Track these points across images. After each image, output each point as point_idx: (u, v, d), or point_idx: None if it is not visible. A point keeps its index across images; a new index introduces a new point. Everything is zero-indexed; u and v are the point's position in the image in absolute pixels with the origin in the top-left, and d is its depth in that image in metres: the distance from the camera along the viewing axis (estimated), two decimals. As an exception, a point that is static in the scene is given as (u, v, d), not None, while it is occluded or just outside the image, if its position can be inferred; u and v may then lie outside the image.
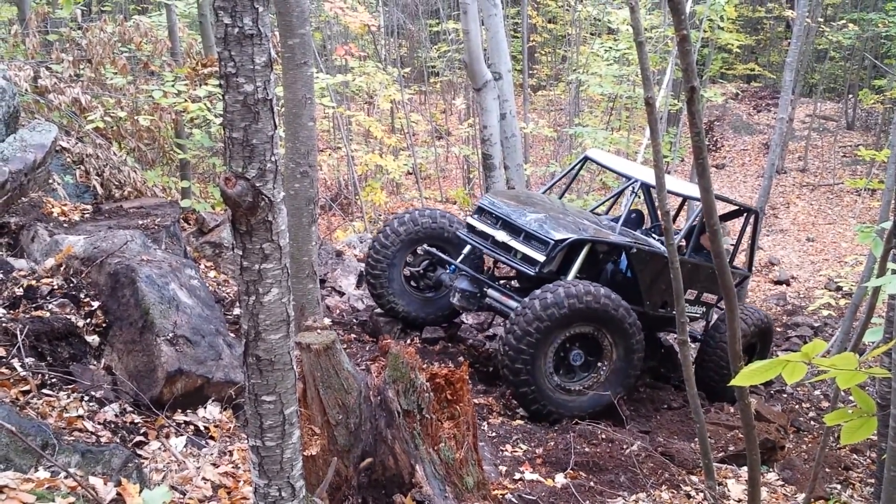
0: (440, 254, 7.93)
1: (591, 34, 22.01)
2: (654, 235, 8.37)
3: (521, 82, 18.87)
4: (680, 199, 10.59)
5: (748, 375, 1.99)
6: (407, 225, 7.87)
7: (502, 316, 7.66)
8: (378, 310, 8.20)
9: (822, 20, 22.58)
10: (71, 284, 4.99)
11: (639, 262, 7.47)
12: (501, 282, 8.24)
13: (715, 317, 8.70)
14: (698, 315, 8.58)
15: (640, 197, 9.57)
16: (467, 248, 7.90)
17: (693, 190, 8.44)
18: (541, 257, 6.97)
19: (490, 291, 7.36)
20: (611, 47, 16.67)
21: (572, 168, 8.98)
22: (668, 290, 7.61)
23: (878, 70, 22.98)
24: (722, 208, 8.88)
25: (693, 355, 8.94)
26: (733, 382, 2.13)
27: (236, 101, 2.03)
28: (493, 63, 10.88)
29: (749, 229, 8.75)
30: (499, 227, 7.32)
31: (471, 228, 7.63)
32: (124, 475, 3.45)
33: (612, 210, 9.95)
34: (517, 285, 8.28)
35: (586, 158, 8.73)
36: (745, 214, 8.75)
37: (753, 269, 11.03)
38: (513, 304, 7.08)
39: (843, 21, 22.32)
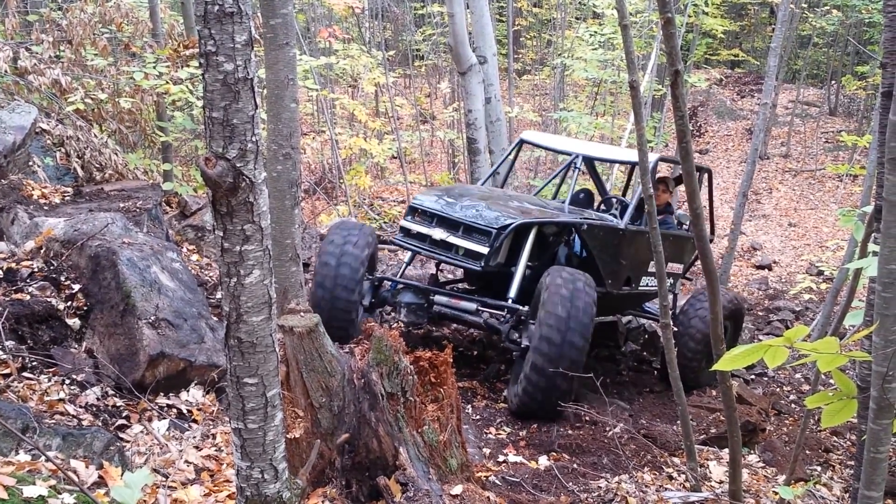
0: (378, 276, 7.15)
1: (577, 18, 21.97)
2: (613, 213, 7.95)
3: (506, 66, 18.83)
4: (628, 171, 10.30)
5: (730, 360, 2.00)
6: (364, 248, 6.78)
7: (457, 322, 7.06)
8: None
9: (805, 6, 22.65)
10: (51, 267, 4.95)
11: (592, 239, 6.92)
12: (450, 286, 7.82)
13: (682, 299, 8.43)
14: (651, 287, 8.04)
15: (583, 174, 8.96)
16: (408, 256, 7.42)
17: (628, 155, 8.16)
18: (484, 249, 6.38)
19: (438, 298, 6.73)
20: (596, 32, 16.65)
21: (508, 154, 8.48)
22: (628, 265, 7.28)
23: (861, 56, 23.11)
24: (670, 171, 8.74)
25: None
26: (716, 367, 2.14)
27: (216, 80, 2.01)
28: (479, 47, 10.84)
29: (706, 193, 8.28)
30: (435, 225, 6.68)
31: (406, 232, 6.96)
32: (106, 458, 3.44)
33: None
34: (468, 287, 7.83)
35: (522, 142, 8.30)
36: (698, 175, 8.41)
37: (735, 252, 11.01)
38: (467, 305, 6.59)
39: (827, 7, 22.40)
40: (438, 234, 6.60)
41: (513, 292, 6.43)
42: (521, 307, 6.27)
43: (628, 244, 7.18)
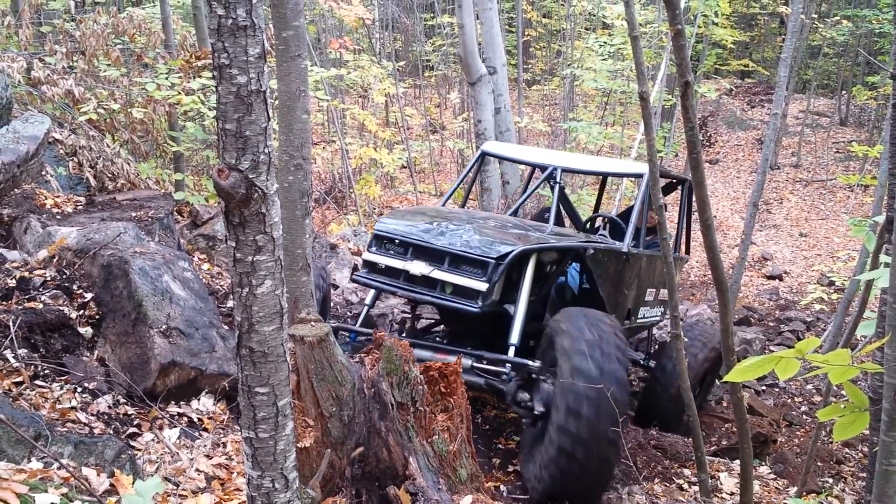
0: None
1: (586, 29, 22.01)
2: (602, 234, 6.99)
3: (516, 77, 18.88)
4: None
5: (741, 372, 2.00)
6: (319, 295, 5.83)
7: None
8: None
9: (816, 16, 22.64)
10: (64, 276, 4.98)
11: (598, 266, 5.85)
12: (430, 334, 6.67)
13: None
14: (658, 317, 7.11)
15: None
16: (370, 297, 6.16)
17: (614, 166, 7.42)
18: (482, 285, 5.18)
19: (418, 353, 5.12)
20: (605, 42, 16.69)
21: (470, 169, 7.31)
22: (630, 295, 6.43)
23: (872, 66, 23.05)
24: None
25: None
26: (727, 378, 2.14)
27: (229, 92, 2.03)
28: (488, 57, 10.87)
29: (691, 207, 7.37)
30: (411, 257, 5.48)
31: (371, 267, 5.70)
32: (117, 466, 3.45)
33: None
34: (444, 329, 6.74)
35: (483, 154, 7.41)
36: (679, 186, 7.38)
37: (746, 263, 10.78)
38: (462, 361, 5.14)
39: (837, 17, 22.39)
40: (417, 267, 5.40)
41: (515, 338, 5.25)
42: (530, 363, 5.05)
43: (630, 270, 6.29)
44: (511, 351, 5.19)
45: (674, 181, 7.44)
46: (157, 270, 4.93)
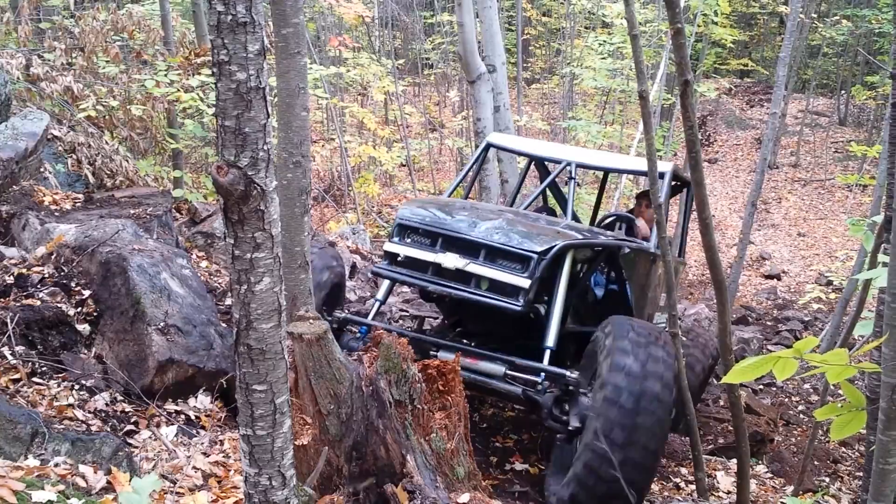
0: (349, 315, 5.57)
1: (586, 28, 22.01)
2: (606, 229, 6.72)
3: (516, 75, 18.88)
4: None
5: (739, 373, 2.00)
6: (322, 271, 5.58)
7: (476, 391, 4.94)
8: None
9: (815, 16, 22.66)
10: (62, 273, 4.97)
11: (629, 266, 5.64)
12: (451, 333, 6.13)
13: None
14: (663, 323, 6.55)
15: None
16: (382, 291, 5.67)
17: (632, 163, 7.26)
18: (524, 281, 4.79)
19: (444, 356, 4.70)
20: (605, 41, 16.71)
21: (474, 162, 6.94)
22: (652, 298, 6.17)
23: (871, 66, 23.06)
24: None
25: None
26: (725, 379, 2.14)
27: (229, 89, 2.02)
28: (488, 55, 10.86)
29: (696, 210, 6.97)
30: (442, 249, 5.03)
31: (392, 258, 5.26)
32: (114, 464, 3.45)
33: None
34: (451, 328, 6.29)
35: (489, 146, 7.03)
36: (684, 189, 7.19)
37: (744, 262, 10.72)
38: (490, 367, 4.87)
39: (837, 17, 22.40)
40: (451, 260, 4.93)
41: (551, 341, 4.87)
42: (568, 373, 4.66)
43: (656, 272, 6.00)
44: (546, 355, 4.84)
45: (678, 183, 7.13)
46: (156, 268, 4.93)
